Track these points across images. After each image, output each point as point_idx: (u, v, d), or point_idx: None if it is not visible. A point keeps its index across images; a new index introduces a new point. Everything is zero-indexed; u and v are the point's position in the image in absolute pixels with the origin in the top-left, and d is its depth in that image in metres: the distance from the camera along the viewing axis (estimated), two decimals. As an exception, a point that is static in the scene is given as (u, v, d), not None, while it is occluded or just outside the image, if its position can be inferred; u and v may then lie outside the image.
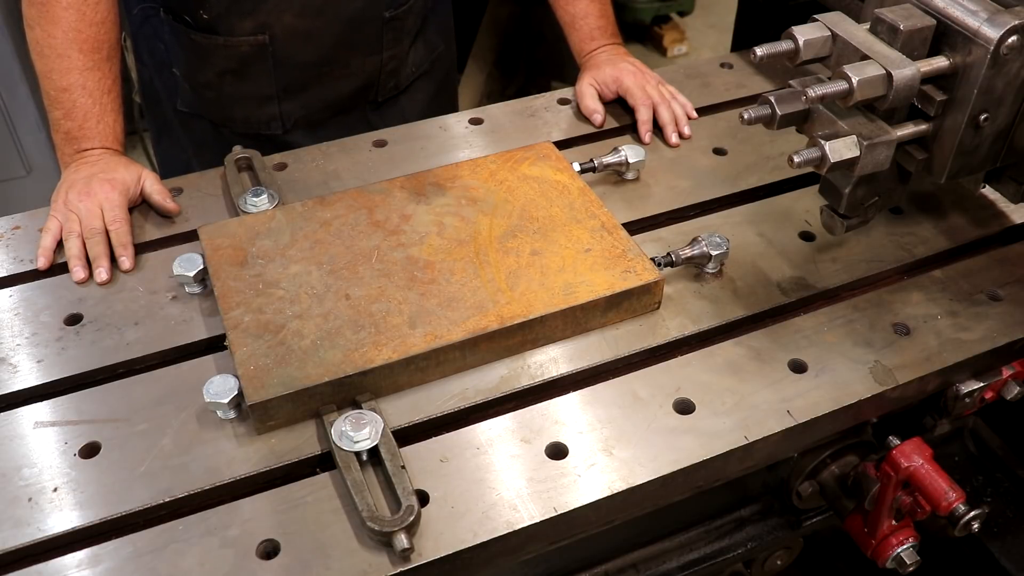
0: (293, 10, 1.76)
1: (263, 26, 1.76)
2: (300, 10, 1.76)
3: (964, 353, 1.34)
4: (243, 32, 1.76)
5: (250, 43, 1.77)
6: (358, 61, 1.90)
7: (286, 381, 1.19)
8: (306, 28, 1.79)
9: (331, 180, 1.65)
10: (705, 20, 5.12)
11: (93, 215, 1.49)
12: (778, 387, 1.28)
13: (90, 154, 1.58)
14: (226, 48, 1.78)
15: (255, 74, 1.83)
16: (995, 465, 1.74)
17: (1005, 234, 1.56)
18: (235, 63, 1.80)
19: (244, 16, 1.74)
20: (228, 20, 1.74)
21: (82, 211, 1.49)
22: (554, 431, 1.22)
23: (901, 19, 1.20)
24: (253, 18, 1.75)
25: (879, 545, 1.41)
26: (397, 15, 1.89)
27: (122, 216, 1.50)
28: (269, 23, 1.76)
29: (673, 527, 1.57)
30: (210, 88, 1.85)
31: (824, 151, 1.19)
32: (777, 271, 1.46)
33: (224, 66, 1.81)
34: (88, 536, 1.11)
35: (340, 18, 1.81)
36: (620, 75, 1.81)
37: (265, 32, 1.76)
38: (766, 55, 1.24)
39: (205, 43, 1.78)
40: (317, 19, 1.79)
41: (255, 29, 1.76)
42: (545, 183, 1.52)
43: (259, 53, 1.79)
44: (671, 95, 1.81)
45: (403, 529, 1.06)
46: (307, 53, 1.83)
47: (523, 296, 1.31)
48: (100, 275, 1.44)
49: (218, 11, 1.73)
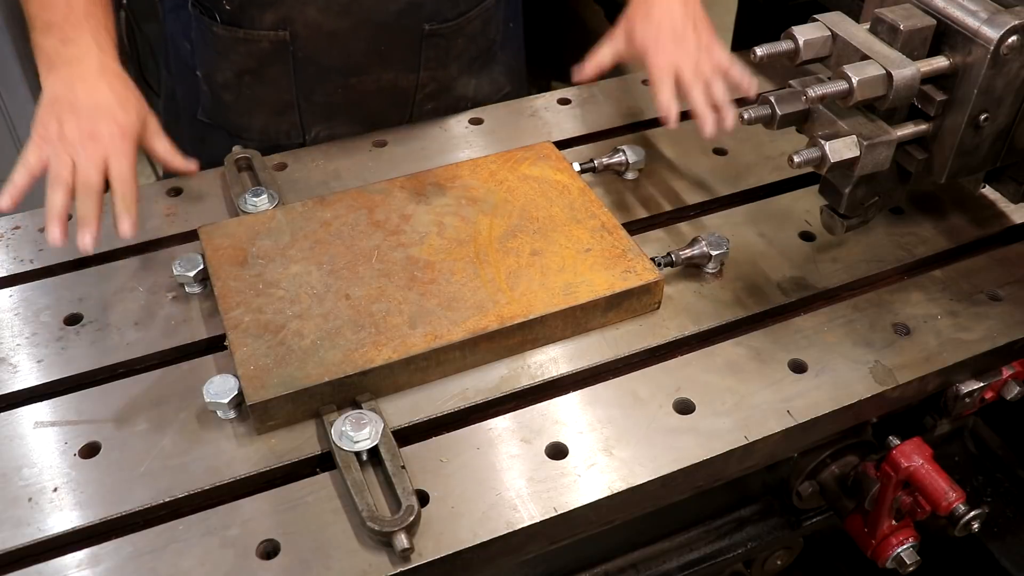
0: (317, 5, 1.64)
1: (285, 21, 1.66)
2: (324, 6, 1.64)
3: (964, 353, 1.34)
4: (264, 26, 1.67)
5: (270, 39, 1.69)
6: (390, 76, 1.76)
7: (286, 381, 1.19)
8: (331, 27, 1.67)
9: (331, 180, 1.65)
10: (705, 20, 5.11)
11: (93, 165, 1.26)
12: (778, 387, 1.28)
13: (82, 58, 1.33)
14: (246, 43, 1.70)
15: (275, 75, 1.74)
16: (995, 465, 1.74)
17: (1005, 234, 1.56)
18: (255, 61, 1.72)
19: (265, 8, 1.64)
20: (250, 11, 1.66)
21: (80, 157, 1.26)
22: (554, 431, 1.22)
23: (901, 19, 1.20)
24: (274, 11, 1.65)
25: (879, 545, 1.41)
26: (439, 31, 1.73)
27: (131, 175, 1.29)
28: (291, 17, 1.66)
29: (673, 527, 1.57)
30: (229, 90, 1.77)
31: (824, 151, 1.19)
32: (777, 271, 1.46)
33: (243, 64, 1.73)
34: (88, 536, 1.11)
35: (370, 22, 1.67)
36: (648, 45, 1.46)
37: (287, 28, 1.67)
38: (766, 55, 1.24)
39: (227, 37, 1.70)
40: (343, 18, 1.66)
41: (276, 23, 1.66)
42: (545, 183, 1.52)
43: (280, 51, 1.70)
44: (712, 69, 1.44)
45: (403, 529, 1.06)
46: (331, 56, 1.71)
47: (523, 296, 1.31)
48: (85, 241, 1.23)
49: (240, 1, 1.64)
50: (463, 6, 1.76)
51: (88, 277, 1.46)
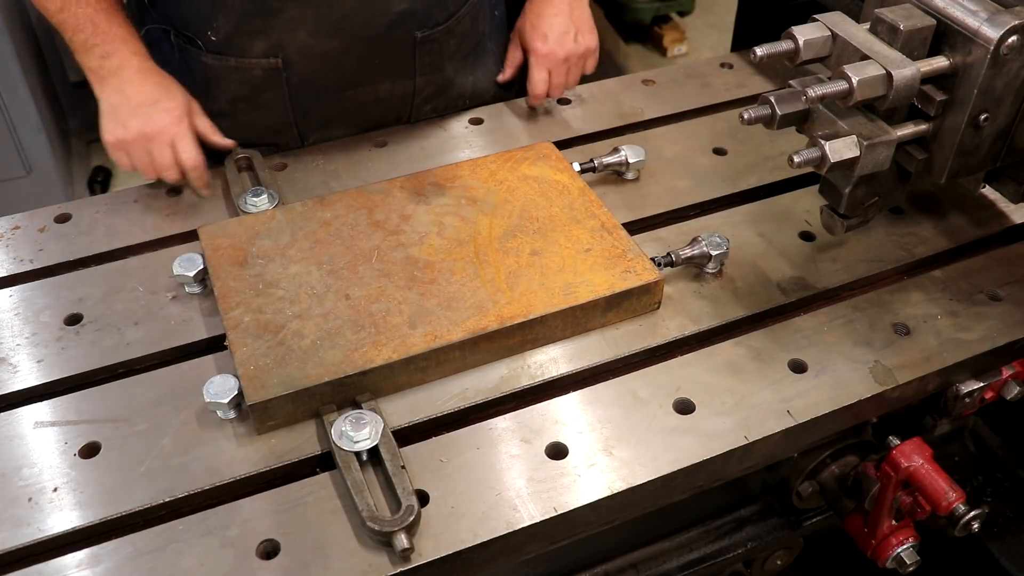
0: (307, 28, 1.61)
1: (276, 48, 1.63)
2: (314, 28, 1.61)
3: (964, 353, 1.34)
4: (255, 54, 1.64)
5: (263, 66, 1.65)
6: (386, 86, 1.75)
7: (286, 381, 1.19)
8: (323, 49, 1.64)
9: (331, 180, 1.66)
10: (705, 20, 5.12)
11: (167, 152, 1.51)
12: (778, 387, 1.28)
13: (123, 67, 1.53)
14: (238, 71, 1.66)
15: (269, 101, 1.70)
16: (995, 465, 1.75)
17: (1005, 234, 1.56)
18: (247, 89, 1.69)
19: (255, 36, 1.62)
20: (239, 41, 1.63)
21: (154, 149, 1.50)
22: (554, 431, 1.22)
23: (901, 19, 1.20)
24: (264, 38, 1.62)
25: (879, 545, 1.41)
26: (432, 36, 1.72)
27: (195, 151, 1.53)
28: (282, 44, 1.63)
29: (673, 527, 1.57)
30: (223, 117, 1.70)
31: (824, 151, 1.19)
32: (777, 271, 1.46)
33: (236, 92, 1.69)
34: (88, 536, 1.11)
35: (361, 38, 1.65)
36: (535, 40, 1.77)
37: (278, 55, 1.64)
38: (766, 55, 1.24)
39: (216, 66, 1.66)
40: (335, 38, 1.63)
41: (267, 51, 1.63)
42: (545, 183, 1.52)
43: (273, 78, 1.67)
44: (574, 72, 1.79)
45: (403, 529, 1.06)
46: (326, 77, 1.69)
47: (523, 296, 1.31)
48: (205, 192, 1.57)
49: (227, 31, 1.61)
50: (452, 7, 1.74)
51: (88, 277, 1.46)
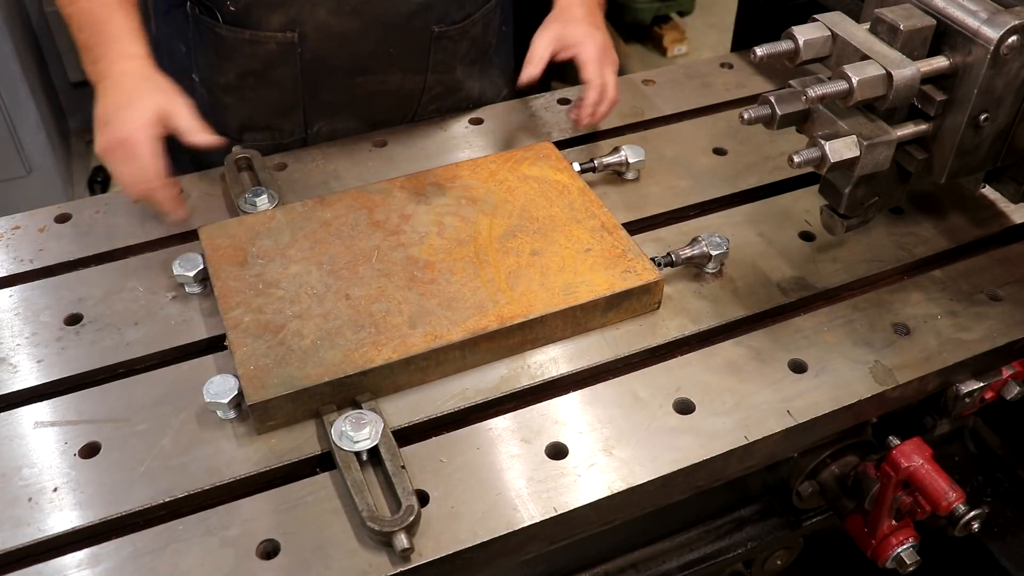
0: (328, 6, 1.62)
1: (294, 22, 1.64)
2: (335, 7, 1.63)
3: (964, 353, 1.34)
4: (272, 27, 1.65)
5: (278, 40, 1.66)
6: (397, 78, 1.76)
7: (286, 381, 1.19)
8: (341, 28, 1.65)
9: (331, 180, 1.66)
10: (705, 20, 5.12)
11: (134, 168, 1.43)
12: (778, 387, 1.28)
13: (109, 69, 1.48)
14: (252, 44, 1.67)
15: (280, 78, 1.71)
16: (995, 465, 1.74)
17: (1005, 234, 1.56)
18: (260, 63, 1.69)
19: (274, 8, 1.62)
20: (257, 12, 1.63)
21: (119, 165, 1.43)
22: (554, 431, 1.22)
23: (901, 19, 1.20)
24: (283, 12, 1.63)
25: (879, 545, 1.41)
26: (448, 33, 1.75)
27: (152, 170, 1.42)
28: (301, 19, 1.64)
29: (673, 527, 1.57)
30: (230, 92, 1.73)
31: (824, 151, 1.19)
32: (777, 271, 1.46)
33: (247, 66, 1.70)
34: (88, 536, 1.11)
35: (381, 23, 1.67)
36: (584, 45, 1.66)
37: (295, 29, 1.64)
38: (766, 55, 1.24)
39: (230, 38, 1.66)
40: (354, 19, 1.65)
41: (285, 25, 1.64)
42: (545, 183, 1.52)
43: (287, 53, 1.68)
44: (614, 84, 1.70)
45: (403, 529, 1.06)
46: (340, 57, 1.70)
47: (523, 296, 1.31)
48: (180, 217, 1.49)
49: (247, 1, 1.62)
50: (469, 8, 1.77)
51: (88, 277, 1.46)
